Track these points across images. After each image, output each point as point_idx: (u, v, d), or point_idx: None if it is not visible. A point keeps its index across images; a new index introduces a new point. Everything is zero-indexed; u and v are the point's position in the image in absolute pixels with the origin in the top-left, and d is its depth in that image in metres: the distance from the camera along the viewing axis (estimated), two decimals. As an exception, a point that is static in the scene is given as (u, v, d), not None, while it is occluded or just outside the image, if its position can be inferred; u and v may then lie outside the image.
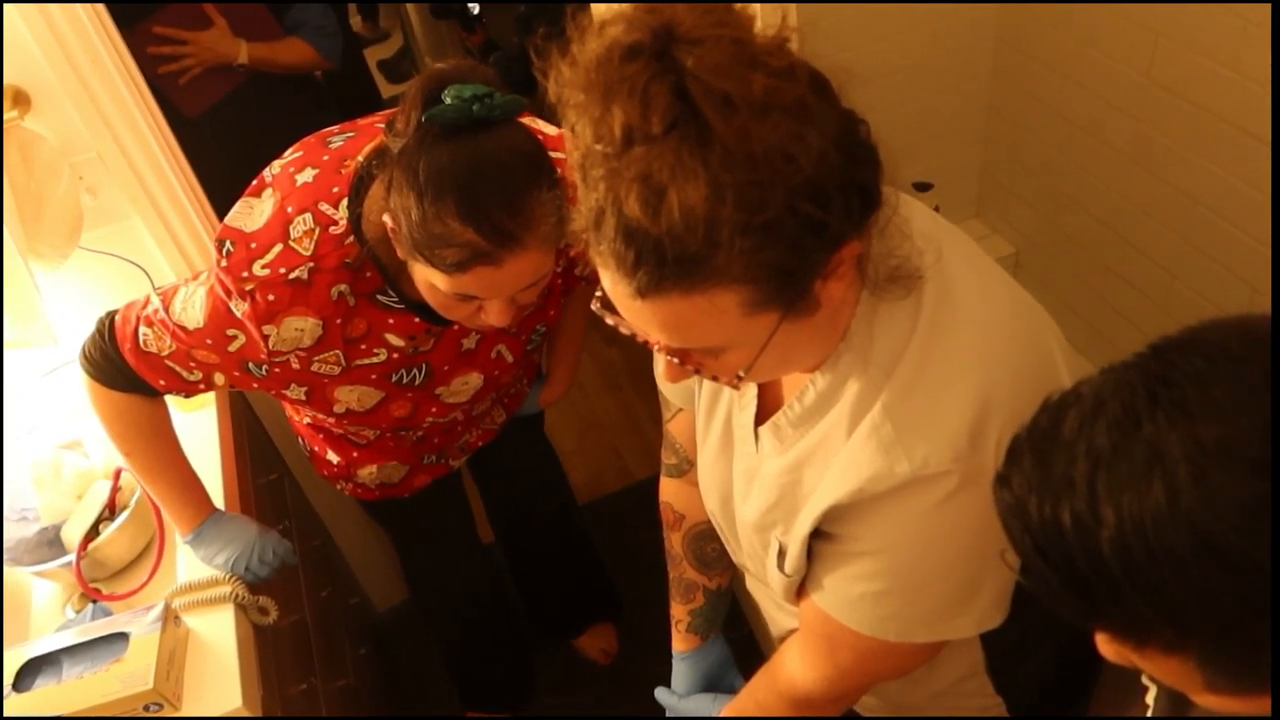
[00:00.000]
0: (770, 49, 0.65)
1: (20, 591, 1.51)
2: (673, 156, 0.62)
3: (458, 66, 1.04)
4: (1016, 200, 2.28)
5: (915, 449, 0.77)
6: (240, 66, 2.06)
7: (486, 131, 1.01)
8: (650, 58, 0.63)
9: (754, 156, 0.62)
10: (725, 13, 0.64)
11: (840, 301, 0.75)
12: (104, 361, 1.27)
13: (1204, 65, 1.64)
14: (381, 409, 1.34)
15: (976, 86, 2.18)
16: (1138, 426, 0.53)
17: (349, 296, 1.17)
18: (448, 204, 1.00)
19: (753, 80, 0.62)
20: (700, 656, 1.25)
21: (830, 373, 0.82)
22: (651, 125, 0.62)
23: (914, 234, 0.80)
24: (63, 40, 1.42)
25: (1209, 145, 1.71)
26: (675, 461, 1.19)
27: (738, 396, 0.95)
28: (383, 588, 2.39)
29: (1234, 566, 0.51)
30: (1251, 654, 0.54)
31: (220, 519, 1.42)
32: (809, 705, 1.00)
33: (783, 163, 0.63)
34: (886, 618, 0.87)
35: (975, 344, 0.79)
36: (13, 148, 1.48)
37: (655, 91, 0.62)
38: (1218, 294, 1.84)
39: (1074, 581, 0.56)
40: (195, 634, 1.32)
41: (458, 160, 1.00)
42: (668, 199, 0.62)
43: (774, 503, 0.90)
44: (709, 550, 1.20)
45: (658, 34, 0.63)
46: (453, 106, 0.99)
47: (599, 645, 2.26)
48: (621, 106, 0.63)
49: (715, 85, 0.61)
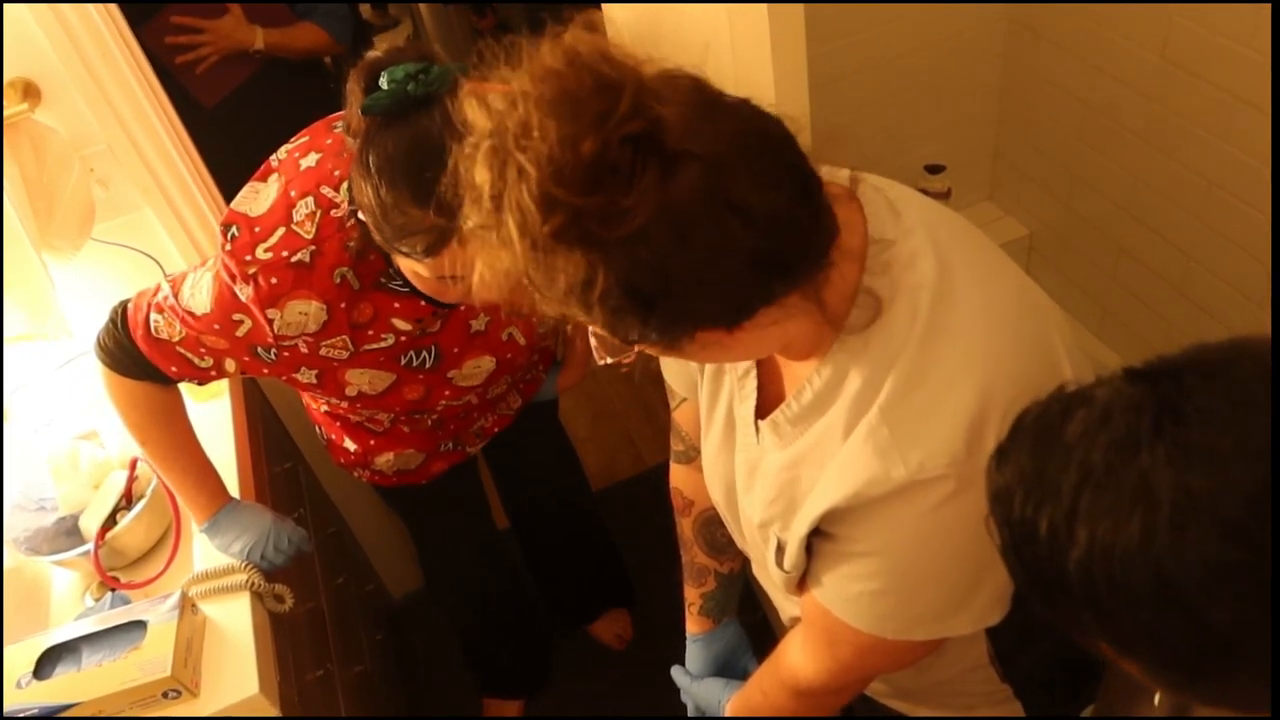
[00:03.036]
0: (602, 202, 0.63)
1: (40, 580, 1.53)
2: (486, 234, 0.67)
3: (389, 50, 1.03)
4: (1030, 182, 2.27)
5: (911, 453, 0.76)
6: (256, 53, 2.07)
7: (427, 110, 0.99)
8: (497, 143, 0.65)
9: (535, 274, 0.66)
10: (561, 146, 0.62)
11: (763, 338, 0.75)
12: (118, 350, 1.28)
13: (1220, 44, 1.62)
14: (394, 392, 1.34)
15: (989, 68, 2.16)
16: (1135, 454, 0.53)
17: (352, 280, 1.17)
18: (402, 192, 1.00)
19: (545, 223, 0.63)
20: (712, 639, 1.25)
21: (828, 370, 0.81)
22: (483, 202, 0.66)
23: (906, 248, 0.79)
24: (72, 33, 1.42)
25: (1225, 125, 1.69)
26: (682, 449, 1.19)
27: (738, 388, 0.95)
28: (398, 574, 2.41)
29: (1189, 617, 0.51)
30: (1196, 683, 0.55)
31: (235, 507, 1.42)
32: (811, 695, 1.00)
33: (562, 284, 0.66)
34: (884, 616, 0.87)
35: (974, 346, 0.78)
36: (24, 141, 1.49)
37: (489, 179, 0.65)
38: (1234, 276, 1.82)
39: (1038, 583, 0.57)
40: (212, 622, 1.34)
41: (401, 146, 0.99)
42: (480, 262, 0.69)
43: (773, 497, 0.90)
44: (719, 536, 1.21)
45: (505, 132, 0.65)
46: (387, 92, 0.98)
47: (614, 631, 2.27)
48: (475, 170, 0.67)
49: (514, 212, 0.64)
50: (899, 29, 2.02)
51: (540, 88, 0.64)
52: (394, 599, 2.45)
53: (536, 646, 2.22)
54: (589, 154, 0.62)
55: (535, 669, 2.22)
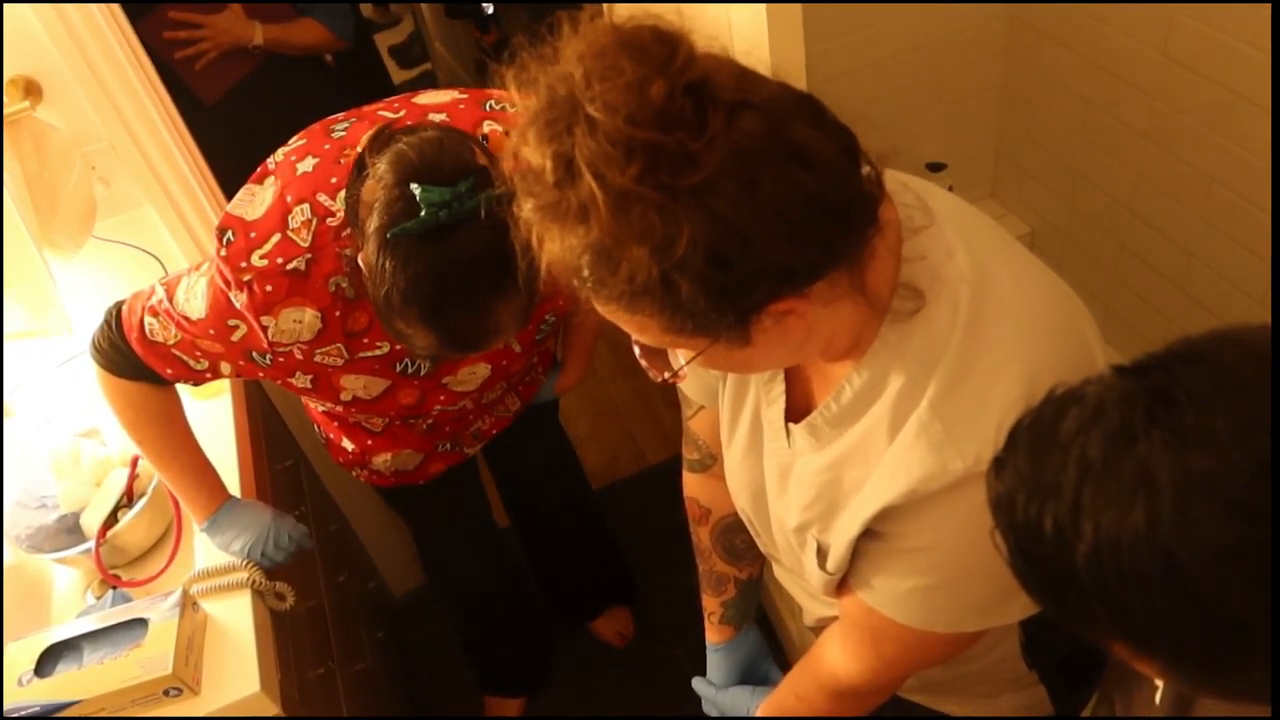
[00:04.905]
0: (676, 140, 0.63)
1: (41, 578, 1.53)
2: (558, 209, 0.65)
3: (423, 150, 1.01)
4: (1031, 180, 2.27)
5: (968, 446, 0.76)
6: (255, 49, 2.06)
7: (455, 232, 0.98)
8: (557, 115, 0.65)
9: (618, 238, 0.64)
10: (632, 91, 0.63)
11: (809, 329, 0.74)
12: (112, 351, 1.27)
13: (1222, 41, 1.62)
14: (388, 397, 1.34)
15: (990, 65, 2.16)
16: (1132, 443, 0.53)
17: (347, 289, 1.17)
18: (412, 311, 1.00)
19: (622, 174, 0.62)
20: (735, 647, 1.25)
21: (867, 371, 0.81)
22: (547, 175, 0.65)
23: (940, 240, 0.79)
24: (73, 30, 1.42)
25: (1227, 123, 1.69)
26: (698, 457, 1.18)
27: (765, 391, 0.94)
28: (399, 572, 2.41)
29: (1201, 601, 0.51)
30: (1215, 675, 0.54)
31: (235, 506, 1.42)
32: (852, 696, 1.00)
33: (648, 248, 0.64)
34: (936, 610, 0.86)
35: (1017, 335, 0.78)
36: (25, 138, 1.49)
37: (550, 150, 0.65)
38: (1236, 274, 1.82)
39: (1048, 584, 0.57)
40: (213, 619, 1.34)
41: (420, 272, 0.98)
42: (556, 241, 0.67)
43: (812, 500, 0.89)
44: (738, 542, 1.20)
45: (567, 99, 0.65)
46: (418, 223, 0.97)
47: (615, 629, 2.27)
48: (534, 147, 0.66)
49: (589, 168, 0.63)
50: (900, 27, 2.01)
51: (600, 43, 0.65)
52: (395, 597, 2.45)
53: (537, 644, 2.22)
54: (659, 96, 0.63)
55: (536, 667, 2.22)
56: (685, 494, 1.23)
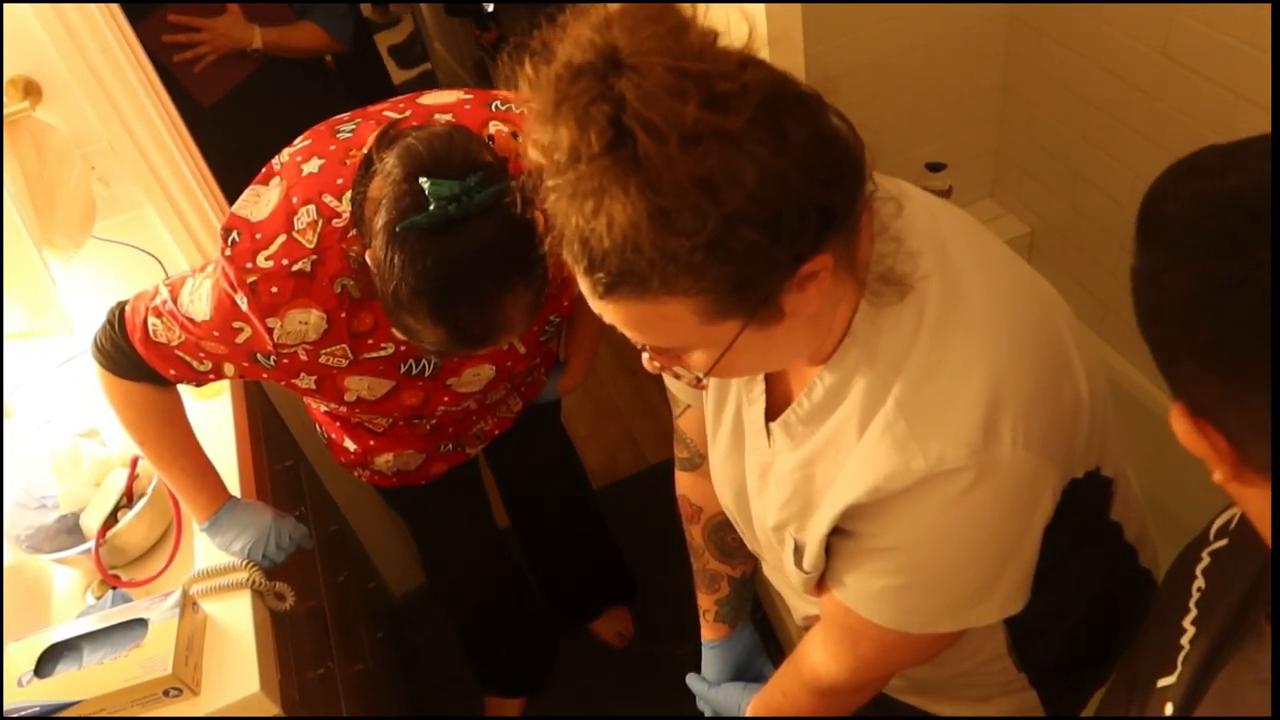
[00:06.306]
0: (722, 72, 0.64)
1: (41, 578, 1.53)
2: (606, 178, 0.64)
3: (432, 144, 1.00)
4: (1031, 180, 2.26)
5: (930, 445, 0.76)
6: (254, 52, 2.06)
7: (464, 226, 0.98)
8: (594, 79, 0.64)
9: (680, 185, 0.63)
10: (671, 36, 0.64)
11: (821, 305, 0.75)
12: (115, 351, 1.27)
13: (1223, 41, 1.62)
14: (392, 398, 1.34)
15: (990, 65, 2.15)
16: None
17: (353, 290, 1.17)
18: (420, 305, 1.00)
19: (684, 111, 0.62)
20: (729, 645, 1.25)
21: (837, 369, 0.81)
22: (591, 146, 0.64)
23: (913, 235, 0.80)
24: (73, 31, 1.42)
25: (1226, 123, 1.69)
26: (687, 455, 1.19)
27: (746, 391, 0.94)
28: (399, 572, 2.41)
29: None
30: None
31: (235, 506, 1.42)
32: (834, 694, 1.01)
33: (712, 191, 0.64)
34: (909, 610, 0.87)
35: (984, 336, 0.78)
36: (25, 138, 1.49)
37: (594, 114, 0.64)
38: (1236, 273, 1.82)
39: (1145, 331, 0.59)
40: (213, 620, 1.34)
41: (429, 266, 0.98)
42: (601, 218, 0.65)
43: (788, 498, 0.90)
44: (730, 540, 1.20)
45: (603, 56, 0.64)
46: (427, 216, 0.97)
47: (614, 629, 2.27)
48: (566, 125, 0.65)
49: (645, 114, 0.62)
50: (900, 27, 2.01)
51: (614, 11, 0.66)
52: (395, 597, 2.45)
53: (538, 644, 2.22)
54: (698, 39, 0.65)
55: (536, 667, 2.22)
56: (677, 492, 1.24)
